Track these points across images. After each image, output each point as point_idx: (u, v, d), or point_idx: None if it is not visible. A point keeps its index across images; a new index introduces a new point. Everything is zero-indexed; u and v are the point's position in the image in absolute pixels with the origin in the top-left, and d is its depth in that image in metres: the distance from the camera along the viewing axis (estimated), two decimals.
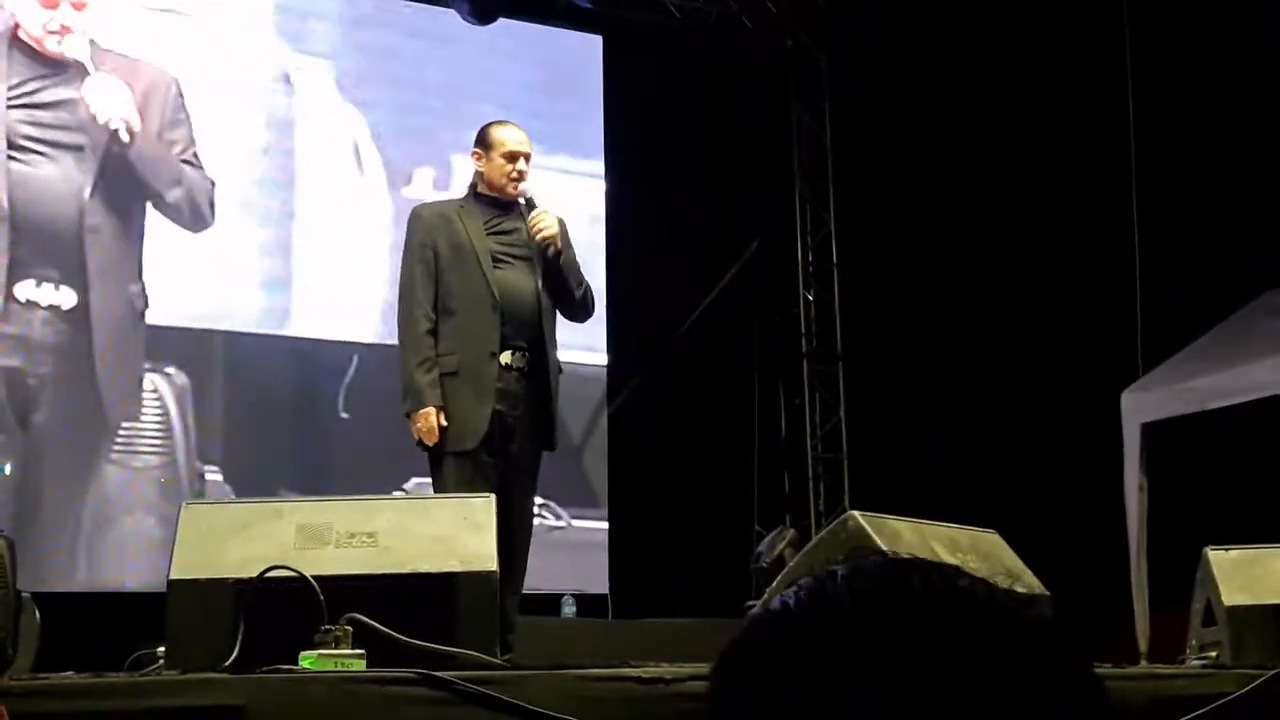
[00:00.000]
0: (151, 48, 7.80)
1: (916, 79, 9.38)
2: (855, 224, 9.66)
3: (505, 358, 5.08)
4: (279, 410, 7.99)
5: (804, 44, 9.83)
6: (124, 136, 7.52)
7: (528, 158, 5.32)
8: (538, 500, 7.91)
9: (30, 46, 7.44)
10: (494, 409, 5.01)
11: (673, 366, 9.19)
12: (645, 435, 8.92)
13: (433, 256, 5.15)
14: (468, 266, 5.14)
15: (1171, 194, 8.72)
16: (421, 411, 4.98)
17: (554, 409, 5.20)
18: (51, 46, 7.50)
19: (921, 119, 9.42)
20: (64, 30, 7.52)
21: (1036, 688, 0.85)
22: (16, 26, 7.43)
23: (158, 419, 7.58)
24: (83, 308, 7.34)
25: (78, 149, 7.45)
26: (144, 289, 7.58)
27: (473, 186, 5.38)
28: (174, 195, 7.66)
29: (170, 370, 7.62)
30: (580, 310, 5.40)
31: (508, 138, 5.32)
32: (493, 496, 3.36)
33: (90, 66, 7.54)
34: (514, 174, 5.26)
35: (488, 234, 5.20)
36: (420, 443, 5.04)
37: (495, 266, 5.15)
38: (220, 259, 7.83)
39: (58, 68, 7.49)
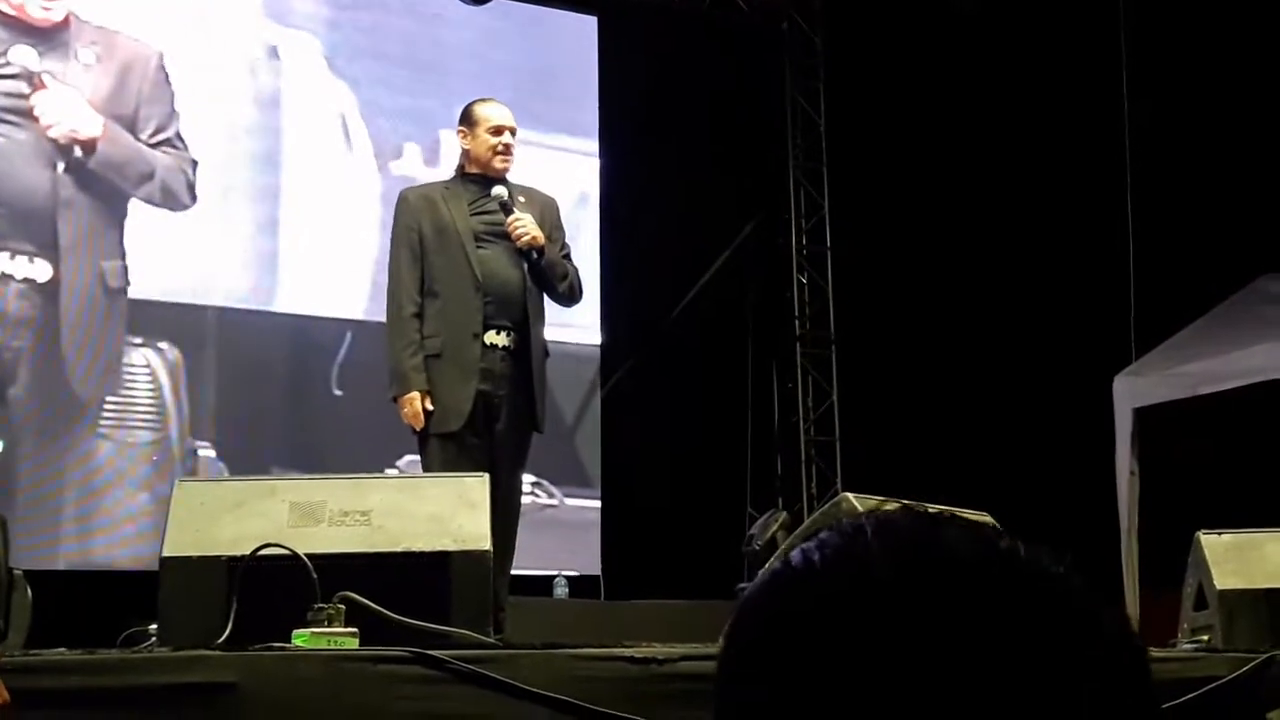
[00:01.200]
0: (136, 21, 7.75)
1: (911, 62, 9.37)
2: (849, 207, 9.66)
3: (489, 337, 5.09)
4: (272, 386, 7.97)
5: (799, 26, 9.81)
6: (79, 152, 7.40)
7: (513, 131, 5.32)
8: (530, 479, 7.95)
9: (10, 15, 7.37)
10: (477, 389, 5.03)
11: (666, 348, 9.19)
12: (638, 417, 8.93)
13: (418, 239, 5.17)
14: (451, 248, 5.15)
15: (1165, 178, 8.72)
16: (406, 396, 5.02)
17: (537, 390, 5.18)
18: (35, 13, 7.41)
19: (916, 102, 9.42)
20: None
21: (1083, 654, 0.80)
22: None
23: (150, 394, 7.55)
24: (55, 282, 7.29)
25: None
26: (124, 264, 7.51)
27: (460, 167, 5.39)
28: (145, 190, 7.60)
29: (163, 345, 7.59)
30: (566, 299, 5.39)
31: (492, 113, 5.32)
32: (486, 476, 3.36)
33: (71, 38, 7.46)
34: (500, 148, 5.27)
35: (472, 214, 5.21)
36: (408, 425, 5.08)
37: (479, 247, 5.16)
38: (211, 235, 7.80)
39: (37, 36, 7.41)
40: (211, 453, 7.61)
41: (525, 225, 5.15)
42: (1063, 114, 9.22)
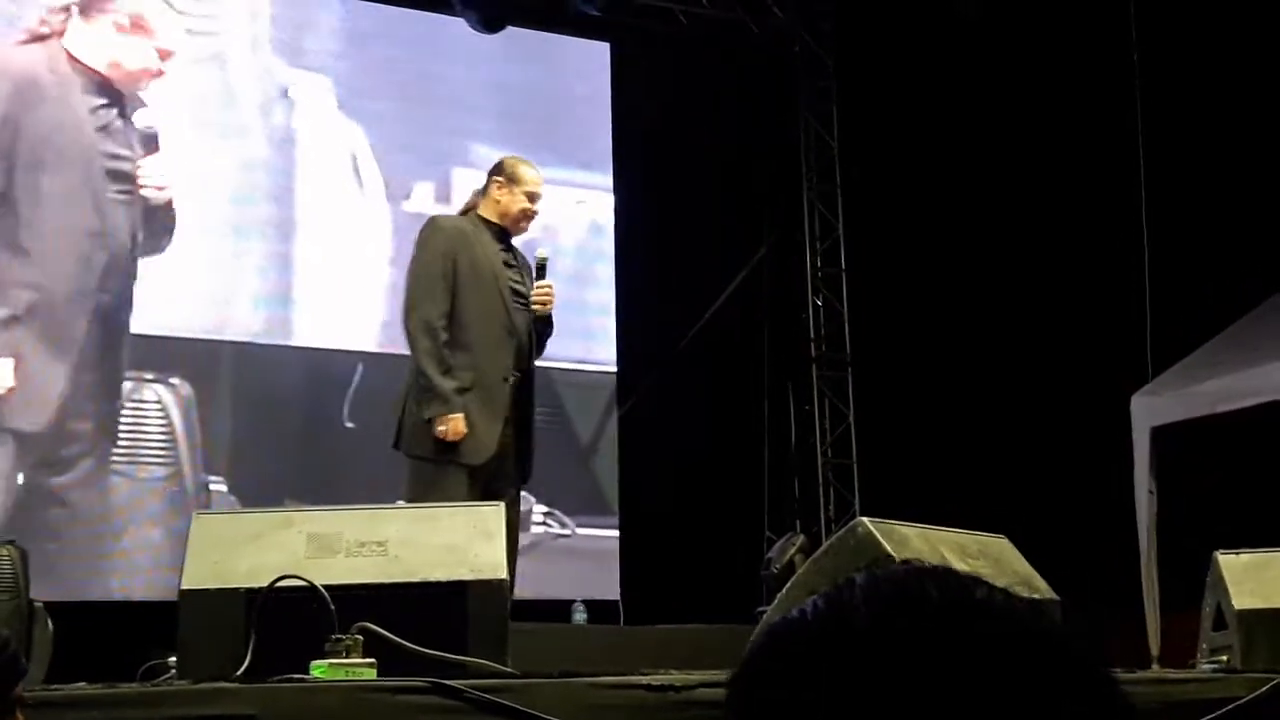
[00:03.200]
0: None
1: (923, 82, 9.38)
2: (863, 228, 9.66)
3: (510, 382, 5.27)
4: (284, 421, 7.98)
5: (811, 48, 9.83)
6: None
7: (540, 199, 5.49)
8: (542, 510, 8.00)
9: None
10: (499, 433, 5.19)
11: (682, 372, 9.19)
12: (655, 441, 8.93)
13: (451, 268, 5.24)
14: (486, 288, 5.27)
15: (1180, 196, 8.71)
16: (454, 415, 5.08)
17: (532, 442, 5.37)
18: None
19: (929, 123, 9.42)
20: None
21: (1053, 698, 0.85)
22: None
23: (162, 430, 7.58)
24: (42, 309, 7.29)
25: None
26: (119, 296, 7.52)
27: (472, 208, 5.50)
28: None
29: (175, 381, 7.63)
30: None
31: (534, 178, 5.47)
32: (502, 505, 3.38)
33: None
34: (530, 213, 5.44)
35: (505, 264, 5.36)
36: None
37: (514, 294, 5.31)
38: (224, 271, 7.84)
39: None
40: (224, 487, 7.62)
41: (550, 297, 5.36)
42: (1076, 132, 9.22)
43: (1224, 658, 3.90)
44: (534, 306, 5.32)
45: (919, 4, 9.32)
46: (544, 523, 8.51)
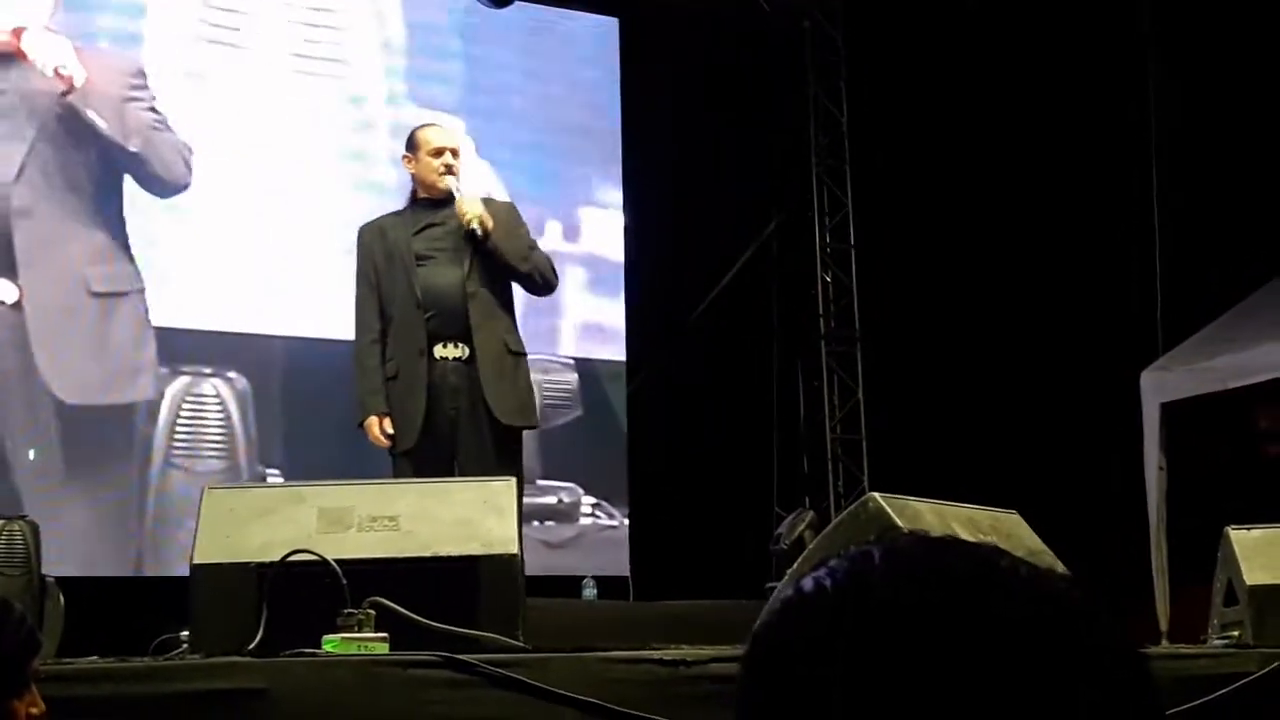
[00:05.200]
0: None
1: (932, 57, 9.34)
2: (872, 204, 9.63)
3: (439, 351, 5.26)
4: (338, 413, 7.99)
5: (820, 24, 9.79)
6: (57, 93, 7.27)
7: (455, 152, 5.46)
8: (590, 500, 7.99)
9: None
10: (428, 404, 5.19)
11: (690, 347, 9.19)
12: (664, 417, 8.93)
13: (372, 269, 5.38)
14: (396, 272, 5.34)
15: (1191, 171, 8.68)
16: (365, 423, 5.26)
17: (490, 391, 5.23)
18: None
19: (938, 97, 9.39)
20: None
21: (1082, 668, 0.83)
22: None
23: (220, 423, 7.68)
24: (25, 297, 7.23)
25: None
26: (115, 269, 7.47)
27: (412, 193, 5.54)
28: (134, 143, 7.50)
29: (231, 375, 7.72)
30: (537, 286, 5.54)
31: (431, 136, 5.49)
32: (513, 480, 3.38)
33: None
34: (441, 169, 5.38)
35: (414, 235, 5.36)
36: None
37: (419, 265, 5.31)
38: (278, 265, 7.88)
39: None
40: (280, 479, 7.65)
41: (468, 207, 5.27)
42: (1087, 108, 9.19)
43: (1235, 633, 3.90)
44: (465, 225, 5.25)
45: None
46: (592, 514, 8.57)
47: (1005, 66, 9.23)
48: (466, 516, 3.21)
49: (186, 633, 3.10)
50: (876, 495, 3.48)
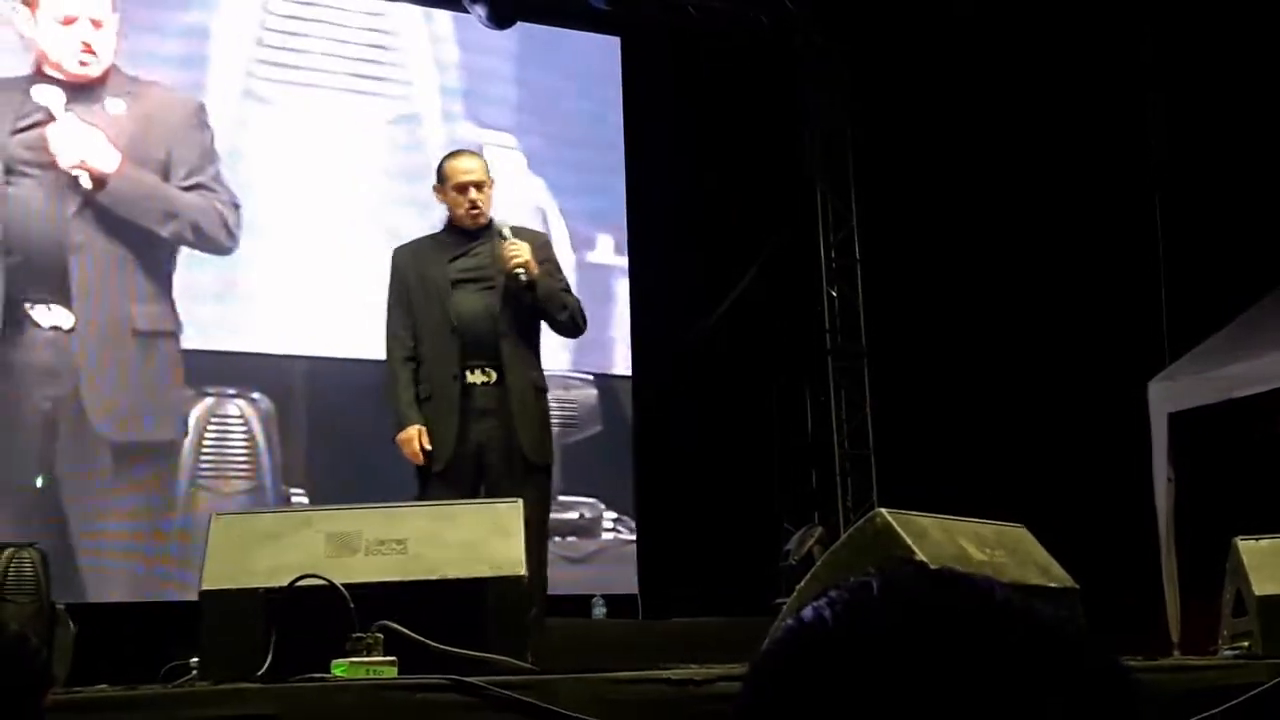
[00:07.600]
0: (179, 70, 7.85)
1: (935, 70, 9.35)
2: (878, 219, 9.64)
3: (470, 377, 5.33)
4: (362, 433, 7.99)
5: (823, 40, 9.80)
6: (87, 183, 7.39)
7: (479, 186, 5.48)
8: (610, 515, 8.00)
9: (55, 77, 7.41)
10: (459, 427, 5.27)
11: (697, 365, 9.19)
12: (671, 435, 8.93)
13: (406, 292, 5.45)
14: (431, 295, 5.41)
15: (1195, 182, 8.68)
16: (404, 434, 5.29)
17: (519, 423, 5.34)
18: (72, 68, 7.46)
19: (942, 112, 9.40)
20: (86, 49, 7.47)
21: (1077, 702, 0.85)
22: (42, 61, 7.40)
23: (244, 444, 7.72)
24: (76, 327, 7.33)
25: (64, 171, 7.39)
26: (159, 308, 7.55)
27: (448, 219, 5.58)
28: (171, 228, 7.60)
29: (256, 396, 7.77)
30: (570, 329, 5.66)
31: (456, 169, 5.52)
32: (519, 502, 3.38)
33: (105, 90, 7.50)
34: (468, 205, 5.44)
35: (450, 261, 5.43)
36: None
37: (454, 290, 5.38)
38: (303, 287, 7.92)
39: (71, 89, 7.45)
40: (305, 499, 7.70)
41: (518, 250, 5.33)
42: (1090, 121, 9.19)
43: (1245, 644, 3.89)
44: (506, 269, 5.32)
45: None
46: (614, 529, 8.59)
47: (1009, 78, 9.23)
48: (474, 539, 3.21)
49: (195, 659, 3.10)
50: (884, 511, 3.48)
